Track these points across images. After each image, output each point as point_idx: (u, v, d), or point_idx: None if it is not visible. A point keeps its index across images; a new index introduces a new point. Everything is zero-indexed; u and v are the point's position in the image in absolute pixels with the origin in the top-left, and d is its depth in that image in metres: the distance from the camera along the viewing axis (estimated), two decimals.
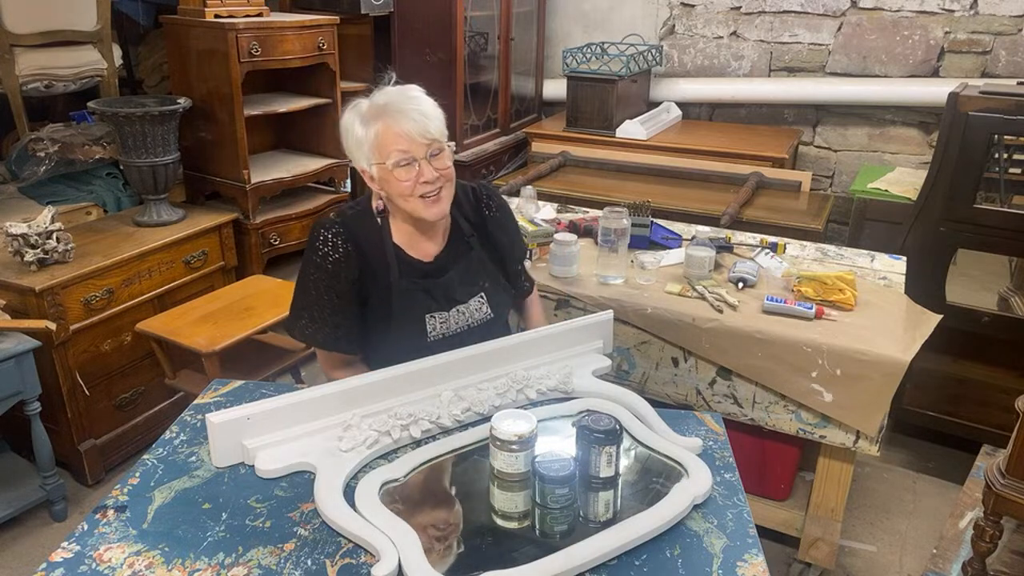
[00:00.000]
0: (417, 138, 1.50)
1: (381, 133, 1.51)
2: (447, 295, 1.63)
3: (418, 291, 1.60)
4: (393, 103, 1.51)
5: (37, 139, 2.86)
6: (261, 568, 1.11)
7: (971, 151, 2.44)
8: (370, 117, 1.52)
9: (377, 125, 1.51)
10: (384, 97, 1.53)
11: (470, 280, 1.66)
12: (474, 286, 1.67)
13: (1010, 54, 3.54)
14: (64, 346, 2.41)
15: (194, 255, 2.83)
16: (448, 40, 3.55)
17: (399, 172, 1.51)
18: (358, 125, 1.54)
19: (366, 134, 1.53)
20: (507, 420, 1.22)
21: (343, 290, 1.57)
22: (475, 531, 1.23)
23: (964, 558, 1.76)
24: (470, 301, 1.66)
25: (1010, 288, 3.00)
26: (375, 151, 1.53)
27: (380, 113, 1.51)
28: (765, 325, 1.91)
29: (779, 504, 2.17)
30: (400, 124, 1.49)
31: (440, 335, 1.62)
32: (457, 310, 1.64)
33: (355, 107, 1.56)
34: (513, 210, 1.89)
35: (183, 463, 1.34)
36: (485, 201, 1.74)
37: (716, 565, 1.14)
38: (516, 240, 1.82)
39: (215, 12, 2.82)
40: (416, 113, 1.50)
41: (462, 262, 1.66)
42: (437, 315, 1.61)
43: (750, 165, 3.42)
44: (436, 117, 1.53)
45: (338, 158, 3.41)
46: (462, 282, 1.65)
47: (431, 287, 1.61)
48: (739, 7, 3.98)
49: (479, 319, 1.67)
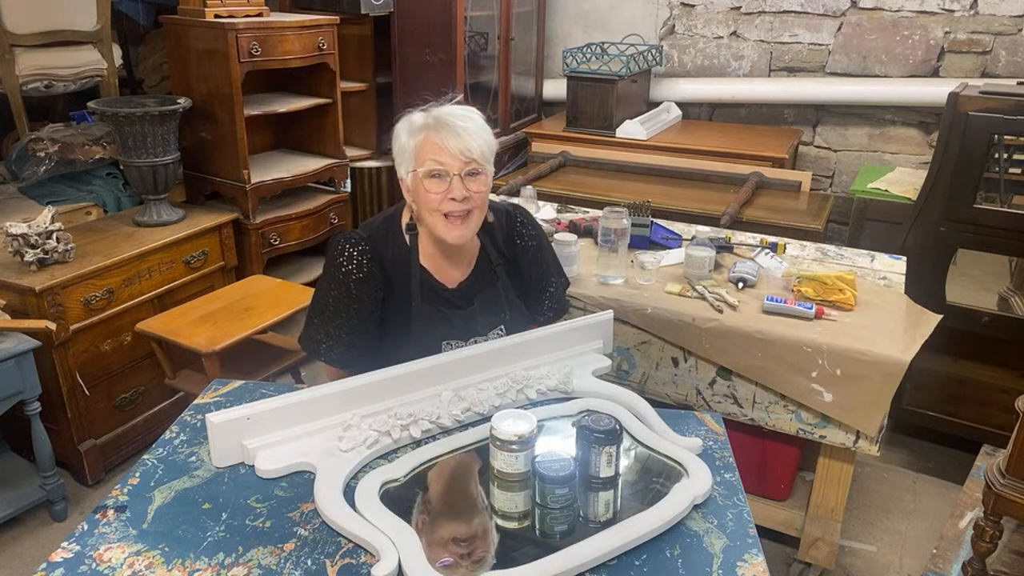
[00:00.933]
0: (456, 153, 1.48)
1: (422, 142, 1.50)
2: (468, 326, 1.61)
3: (438, 318, 1.58)
4: (444, 117, 1.51)
5: (37, 139, 2.86)
6: (261, 568, 1.11)
7: (971, 151, 2.44)
8: (418, 127, 1.52)
9: (422, 135, 1.51)
10: (438, 111, 1.53)
11: (493, 312, 1.64)
12: (496, 317, 1.64)
13: (1010, 54, 3.54)
14: (64, 346, 2.41)
15: (194, 255, 2.83)
16: (448, 40, 3.55)
17: (429, 183, 1.49)
18: (405, 133, 1.54)
19: (409, 142, 1.52)
20: (507, 420, 1.22)
21: (363, 310, 1.56)
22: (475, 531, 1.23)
23: (964, 558, 1.76)
24: (489, 334, 1.64)
25: (1010, 288, 3.00)
26: (413, 158, 1.52)
27: (428, 124, 1.51)
28: (765, 325, 1.91)
29: (779, 504, 2.17)
30: (442, 136, 1.48)
31: None
32: (475, 341, 1.61)
33: (408, 117, 1.55)
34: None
35: (183, 463, 1.34)
36: (519, 229, 1.71)
37: (716, 565, 1.14)
38: (546, 271, 1.76)
39: (215, 12, 2.82)
40: (462, 130, 1.49)
41: (487, 292, 1.64)
42: (454, 343, 1.59)
43: (750, 165, 3.42)
44: (483, 141, 1.51)
45: (338, 158, 3.41)
46: (484, 313, 1.63)
47: (452, 316, 1.59)
48: (739, 7, 3.98)
49: None
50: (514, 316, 1.67)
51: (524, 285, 1.72)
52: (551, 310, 1.77)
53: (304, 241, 3.30)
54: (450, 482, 1.35)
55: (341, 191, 3.49)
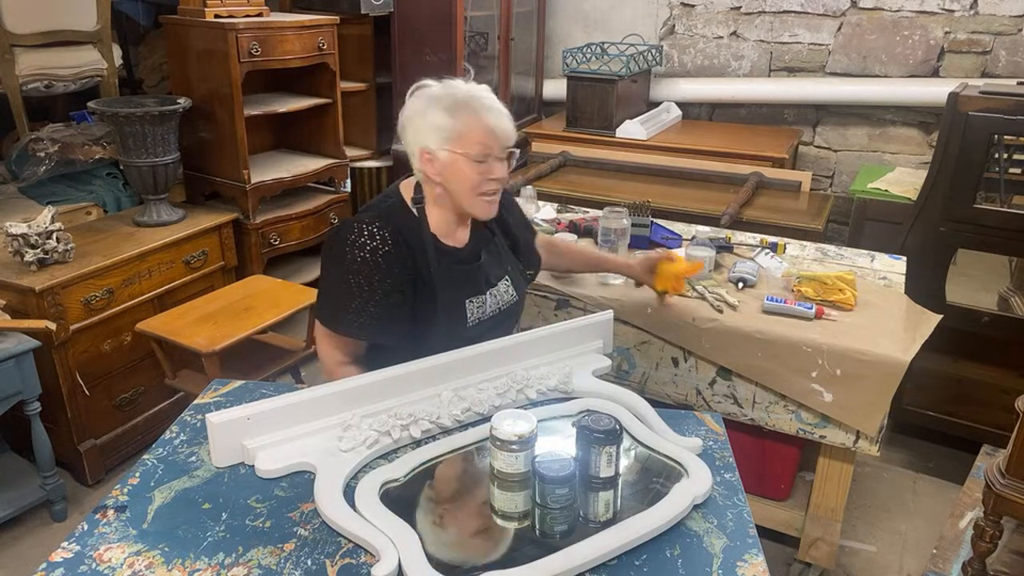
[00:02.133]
0: (500, 137, 1.54)
1: (470, 123, 1.51)
2: (484, 279, 1.66)
3: (458, 276, 1.62)
4: (479, 98, 1.54)
5: (37, 139, 2.86)
6: (261, 568, 1.11)
7: (971, 151, 2.44)
8: (458, 106, 1.52)
9: (465, 115, 1.51)
10: (466, 90, 1.55)
11: (498, 264, 1.71)
12: (501, 269, 1.72)
13: (1010, 54, 3.54)
14: (64, 346, 2.41)
15: (194, 255, 2.83)
16: (448, 40, 3.55)
17: (472, 166, 1.53)
18: (440, 111, 1.52)
19: (450, 121, 1.51)
20: (507, 420, 1.22)
21: (396, 283, 1.54)
22: (475, 531, 1.23)
23: (964, 558, 1.76)
24: (499, 284, 1.70)
25: (1010, 288, 3.00)
26: (457, 139, 1.52)
27: (467, 105, 1.52)
28: (765, 325, 1.91)
29: (779, 504, 2.17)
30: (490, 120, 1.52)
31: (477, 319, 1.64)
32: (491, 293, 1.68)
33: (430, 92, 1.55)
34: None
35: (183, 463, 1.34)
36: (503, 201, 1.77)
37: (716, 565, 1.14)
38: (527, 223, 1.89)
39: (215, 12, 2.82)
40: (500, 113, 1.55)
41: (489, 246, 1.71)
42: (475, 300, 1.64)
43: (750, 165, 3.42)
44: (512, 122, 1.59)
45: (338, 158, 3.41)
46: (491, 266, 1.69)
47: (470, 271, 1.64)
48: (739, 7, 3.98)
49: (507, 301, 1.71)
50: (513, 268, 1.75)
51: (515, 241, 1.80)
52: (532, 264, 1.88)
53: (304, 241, 3.30)
54: (458, 465, 1.36)
55: (341, 191, 3.49)
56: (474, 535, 1.23)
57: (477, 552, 1.19)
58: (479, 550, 1.19)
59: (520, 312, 1.80)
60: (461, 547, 1.20)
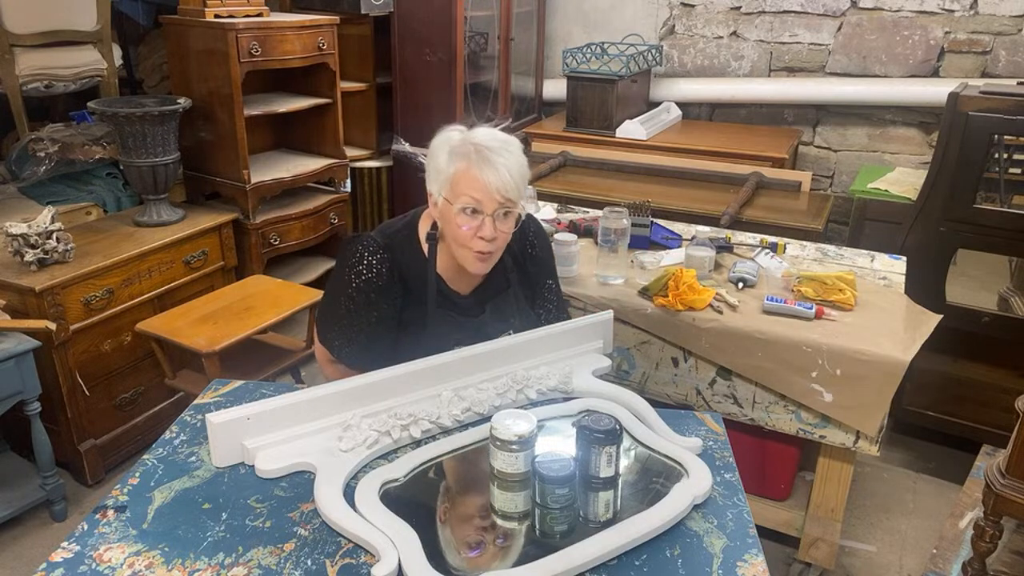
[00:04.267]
0: (494, 192, 1.46)
1: (462, 173, 1.48)
2: (479, 332, 1.62)
3: (451, 325, 1.59)
4: (486, 147, 1.47)
5: (37, 139, 2.86)
6: (261, 568, 1.11)
7: (971, 151, 2.44)
8: (458, 152, 1.49)
9: (461, 164, 1.48)
10: (481, 138, 1.50)
11: (502, 319, 1.66)
12: (505, 324, 1.66)
13: (1010, 54, 3.54)
14: (64, 346, 2.41)
15: (194, 255, 2.83)
16: (448, 40, 3.55)
17: (461, 218, 1.49)
18: (444, 154, 1.51)
19: (447, 167, 1.49)
20: (507, 420, 1.22)
21: (383, 316, 1.57)
22: (475, 531, 1.23)
23: (964, 558, 1.76)
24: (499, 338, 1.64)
25: (1010, 288, 3.00)
26: (448, 186, 1.50)
27: (469, 152, 1.48)
28: (765, 325, 1.91)
29: (779, 504, 2.17)
30: (483, 172, 1.46)
31: None
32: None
33: (448, 134, 1.53)
34: None
35: (183, 463, 1.34)
36: (531, 239, 1.74)
37: (716, 565, 1.14)
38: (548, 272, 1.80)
39: (215, 12, 2.82)
40: (502, 166, 1.46)
41: (498, 299, 1.66)
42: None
43: (750, 165, 3.42)
44: (520, 178, 1.50)
45: (338, 158, 3.41)
46: (494, 319, 1.65)
47: (464, 324, 1.61)
48: (739, 7, 3.98)
49: None
50: (522, 321, 1.68)
51: (533, 291, 1.76)
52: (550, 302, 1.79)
53: (304, 241, 3.30)
54: (463, 466, 1.36)
55: (341, 191, 3.49)
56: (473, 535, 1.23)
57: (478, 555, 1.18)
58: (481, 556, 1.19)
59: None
60: (460, 548, 1.20)
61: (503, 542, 1.20)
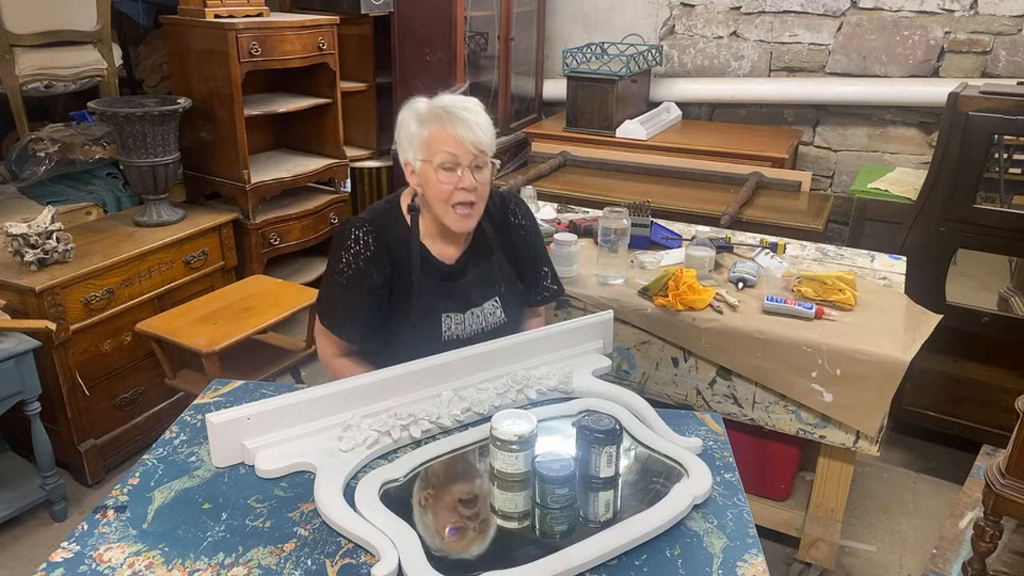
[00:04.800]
0: (467, 145, 1.56)
1: (435, 132, 1.57)
2: (464, 297, 1.67)
3: (437, 290, 1.66)
4: (453, 109, 1.58)
5: (37, 139, 2.86)
6: (261, 568, 1.11)
7: (971, 151, 2.44)
8: (428, 117, 1.59)
9: (433, 125, 1.58)
10: (445, 101, 1.60)
11: (487, 283, 1.71)
12: (490, 290, 1.71)
13: (1010, 54, 3.54)
14: (64, 346, 2.41)
15: (194, 255, 2.83)
16: (448, 40, 3.55)
17: (442, 174, 1.57)
18: (414, 122, 1.60)
19: (420, 131, 1.59)
20: (507, 420, 1.22)
21: (374, 286, 1.62)
22: (475, 531, 1.23)
23: (964, 558, 1.76)
24: (485, 304, 1.70)
25: (1010, 288, 3.00)
26: (424, 147, 1.58)
27: (438, 115, 1.58)
28: (765, 325, 1.91)
29: (779, 504, 2.17)
30: (455, 128, 1.56)
31: (455, 336, 1.66)
32: (472, 313, 1.68)
33: (414, 105, 1.62)
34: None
35: (183, 463, 1.34)
36: (512, 208, 1.79)
37: (716, 565, 1.14)
38: (541, 252, 1.85)
39: (215, 12, 2.82)
40: (472, 123, 1.57)
41: (482, 265, 1.71)
42: (453, 316, 1.66)
43: (750, 165, 3.42)
44: (489, 132, 1.60)
45: (338, 158, 3.41)
46: (478, 284, 1.69)
47: (449, 289, 1.66)
48: (739, 7, 3.98)
49: (493, 323, 1.71)
50: (508, 290, 1.74)
51: (520, 266, 1.79)
52: (547, 290, 1.84)
53: (304, 241, 3.30)
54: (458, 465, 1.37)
55: (341, 191, 3.49)
56: (473, 536, 1.23)
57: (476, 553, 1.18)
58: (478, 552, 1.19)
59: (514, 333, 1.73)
60: (460, 548, 1.20)
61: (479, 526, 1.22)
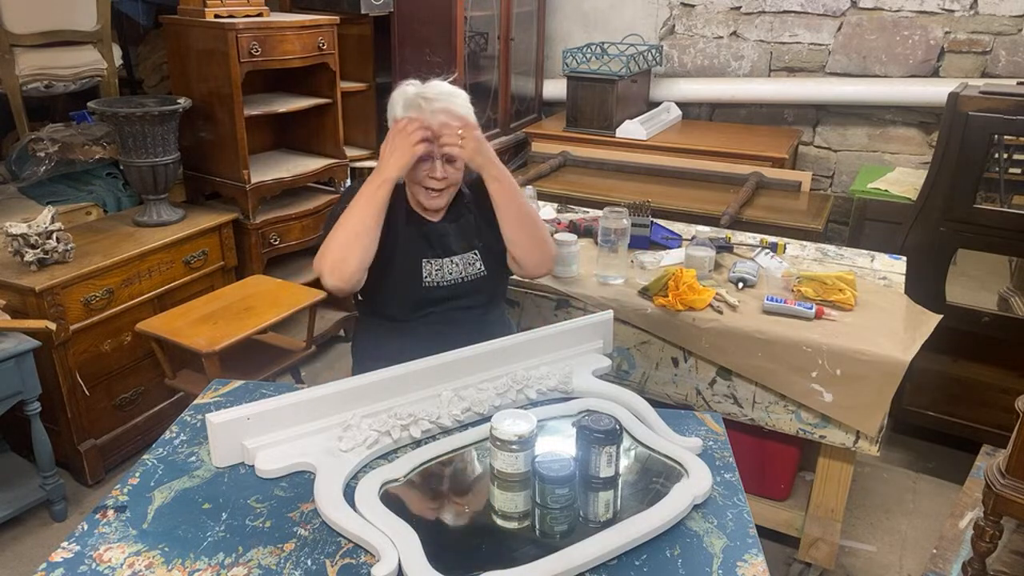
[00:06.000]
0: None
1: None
2: (443, 244, 1.79)
3: (418, 236, 1.78)
4: (436, 99, 1.69)
5: (37, 139, 2.86)
6: (261, 568, 1.11)
7: (971, 151, 2.44)
8: (411, 103, 1.70)
9: (412, 113, 1.69)
10: (431, 90, 1.72)
11: (466, 237, 1.81)
12: (468, 242, 1.81)
13: (1010, 54, 3.54)
14: (64, 346, 2.41)
15: (194, 255, 2.83)
16: (448, 40, 3.55)
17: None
18: (400, 106, 1.73)
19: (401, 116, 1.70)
20: (507, 420, 1.22)
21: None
22: (475, 531, 1.23)
23: (964, 558, 1.76)
24: (465, 255, 1.79)
25: (1010, 288, 3.00)
26: None
27: (416, 103, 1.69)
28: (765, 325, 1.91)
29: (779, 504, 2.17)
30: (433, 121, 1.66)
31: (435, 282, 1.76)
32: (451, 260, 1.79)
33: (404, 88, 1.74)
34: None
35: (183, 463, 1.34)
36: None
37: (716, 565, 1.14)
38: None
39: (215, 12, 2.82)
40: (450, 116, 1.67)
41: (461, 222, 1.82)
42: (433, 261, 1.77)
43: (750, 165, 3.42)
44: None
45: (338, 158, 3.41)
46: (458, 234, 1.81)
47: (429, 234, 1.79)
48: (739, 7, 3.98)
49: (473, 273, 1.79)
50: (487, 247, 1.82)
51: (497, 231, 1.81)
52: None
53: (304, 241, 3.30)
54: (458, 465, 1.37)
55: (341, 191, 3.49)
56: (472, 536, 1.23)
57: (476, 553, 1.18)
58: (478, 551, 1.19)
59: (496, 290, 1.88)
60: (460, 547, 1.20)
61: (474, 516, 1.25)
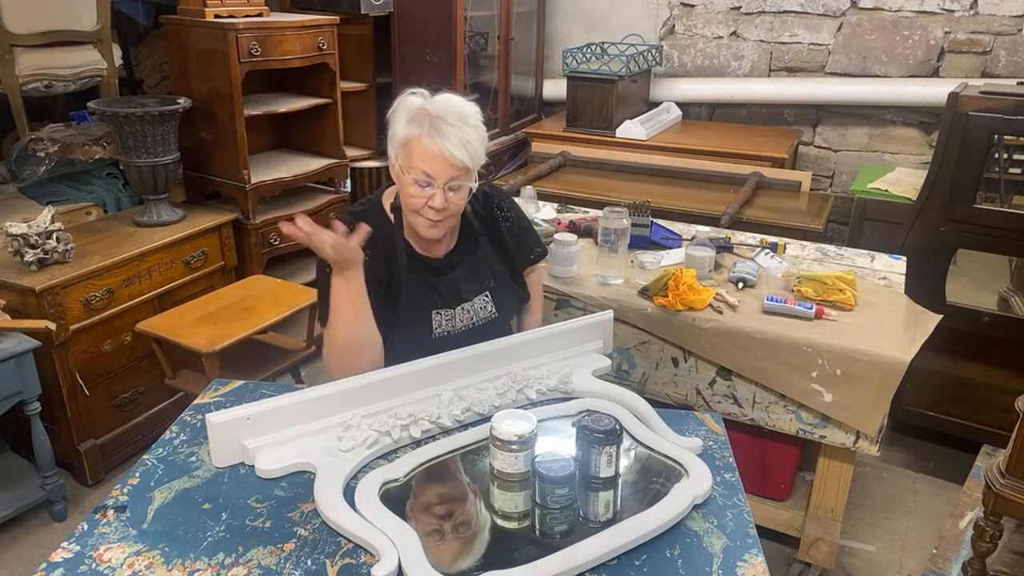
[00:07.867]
0: (446, 163, 1.47)
1: (415, 142, 1.48)
2: (453, 293, 1.63)
3: (425, 287, 1.61)
4: (440, 118, 1.47)
5: (37, 139, 2.86)
6: (261, 568, 1.11)
7: (971, 151, 2.44)
8: (416, 118, 1.48)
9: (416, 131, 1.47)
10: (439, 106, 1.49)
11: (476, 278, 1.67)
12: (480, 284, 1.68)
13: (1010, 54, 3.54)
14: (64, 346, 2.41)
15: (194, 255, 2.83)
16: (448, 40, 3.55)
17: (414, 188, 1.50)
18: (403, 119, 1.51)
19: (404, 133, 1.50)
20: (507, 420, 1.22)
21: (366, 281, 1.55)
22: (475, 531, 1.23)
23: (964, 558, 1.76)
24: (475, 299, 1.67)
25: (1010, 288, 3.00)
26: (403, 153, 1.51)
27: (425, 120, 1.47)
28: (765, 325, 1.91)
29: (779, 504, 2.17)
30: (436, 143, 1.46)
31: (445, 332, 1.63)
32: (463, 308, 1.65)
33: (409, 99, 1.52)
34: None
35: (183, 463, 1.34)
36: (496, 203, 1.75)
37: (716, 565, 1.14)
38: (528, 243, 1.81)
39: (215, 12, 2.82)
40: (457, 139, 1.46)
41: (470, 260, 1.67)
42: (443, 312, 1.62)
43: (750, 165, 3.42)
44: (476, 148, 1.50)
45: (338, 158, 3.41)
46: (468, 279, 1.66)
47: (438, 284, 1.62)
48: (739, 7, 3.98)
49: (484, 317, 1.68)
50: (499, 284, 1.70)
51: (510, 258, 1.76)
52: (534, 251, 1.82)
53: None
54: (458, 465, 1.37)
55: (341, 191, 3.49)
56: (472, 535, 1.23)
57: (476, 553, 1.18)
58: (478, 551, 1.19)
59: (504, 330, 1.74)
60: (460, 547, 1.20)
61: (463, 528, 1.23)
